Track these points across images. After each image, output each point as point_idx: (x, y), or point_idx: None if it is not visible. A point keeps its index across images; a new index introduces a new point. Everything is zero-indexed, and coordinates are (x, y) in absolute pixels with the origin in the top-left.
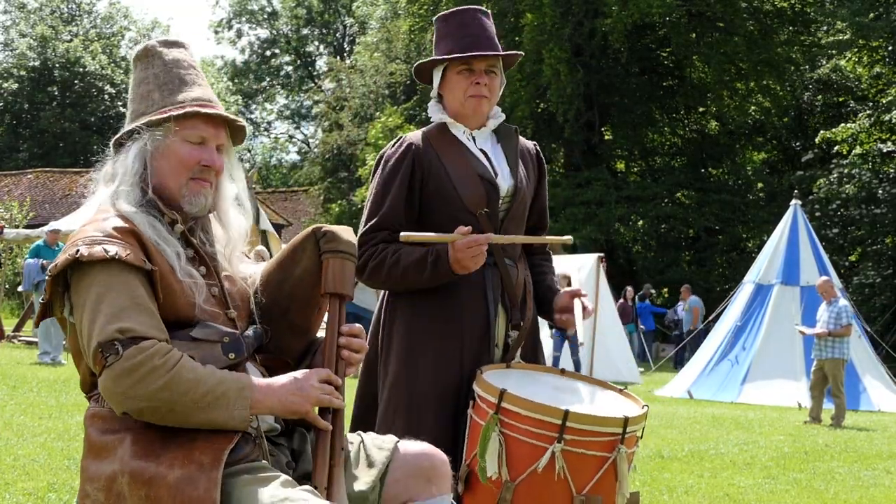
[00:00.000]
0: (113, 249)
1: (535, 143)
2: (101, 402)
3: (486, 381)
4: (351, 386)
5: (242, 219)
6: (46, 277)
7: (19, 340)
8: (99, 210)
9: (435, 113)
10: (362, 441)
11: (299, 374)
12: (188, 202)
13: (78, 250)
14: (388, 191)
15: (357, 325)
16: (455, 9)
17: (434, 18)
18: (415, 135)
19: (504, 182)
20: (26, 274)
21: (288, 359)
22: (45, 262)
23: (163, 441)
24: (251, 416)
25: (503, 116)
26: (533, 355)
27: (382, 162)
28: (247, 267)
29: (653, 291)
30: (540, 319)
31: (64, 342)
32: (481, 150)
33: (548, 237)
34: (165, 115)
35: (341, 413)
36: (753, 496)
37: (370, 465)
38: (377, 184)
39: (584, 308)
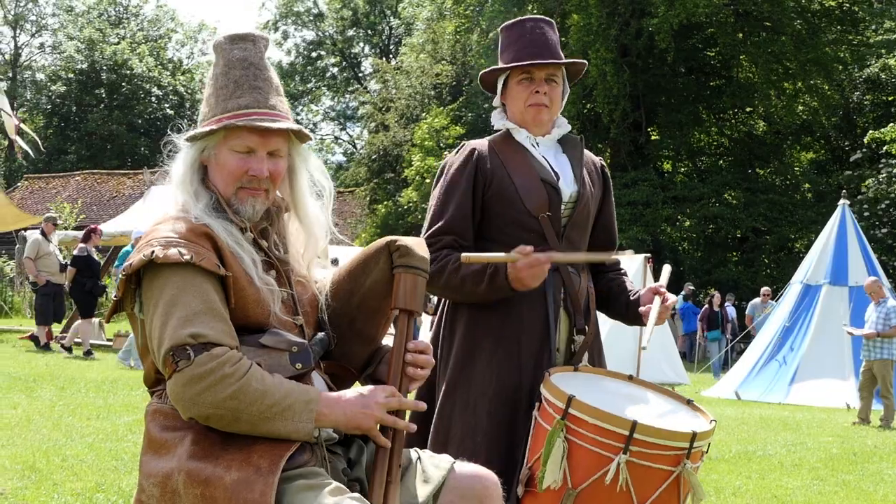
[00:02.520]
0: (188, 253)
1: (601, 158)
2: (165, 398)
3: (555, 384)
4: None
5: (322, 217)
6: (120, 276)
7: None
8: (174, 210)
9: (498, 121)
10: (419, 457)
11: (365, 390)
12: (235, 211)
13: (153, 251)
14: (453, 196)
15: (424, 341)
16: (519, 18)
17: (500, 28)
18: (478, 141)
19: (567, 187)
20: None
21: (351, 367)
22: None
23: (222, 443)
24: (315, 429)
25: (569, 126)
26: (598, 360)
27: (445, 168)
28: (318, 272)
29: (692, 289)
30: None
31: (108, 339)
32: (543, 157)
33: (608, 254)
34: (207, 129)
35: (401, 432)
36: (802, 498)
37: (426, 480)
38: (441, 189)
39: (664, 301)
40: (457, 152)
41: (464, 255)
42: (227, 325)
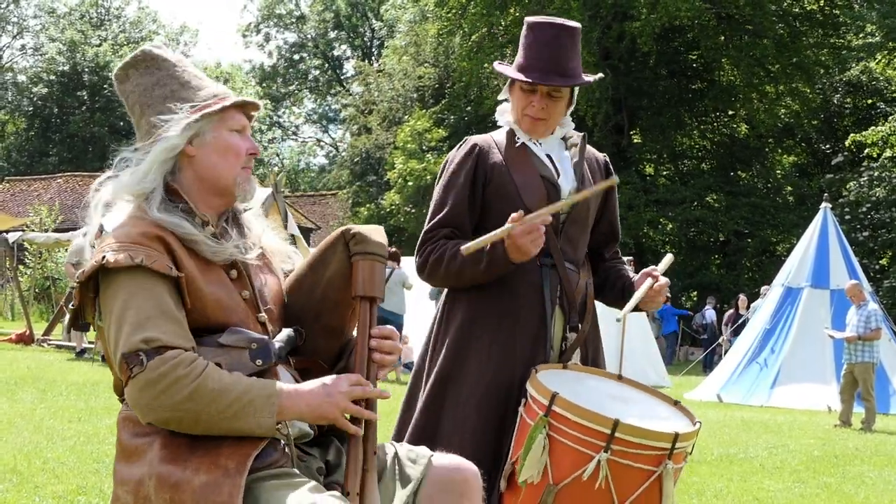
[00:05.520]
0: (139, 256)
1: (605, 154)
2: None
3: (540, 381)
4: (399, 395)
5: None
6: (75, 284)
7: (49, 344)
8: (128, 215)
9: (502, 117)
10: (396, 453)
11: (328, 379)
12: (242, 190)
13: (104, 256)
14: (452, 190)
15: (388, 326)
16: (542, 20)
17: (525, 20)
18: (481, 136)
19: (566, 184)
20: None
21: (322, 361)
22: None
23: (190, 446)
24: (278, 423)
25: (572, 125)
26: (594, 361)
27: (447, 163)
28: (283, 266)
29: (668, 295)
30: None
31: (90, 342)
32: (546, 155)
33: (606, 182)
34: (219, 107)
35: (373, 421)
36: (783, 500)
37: (404, 481)
38: (441, 184)
39: (656, 279)
40: (459, 147)
41: (462, 247)
42: (181, 327)
